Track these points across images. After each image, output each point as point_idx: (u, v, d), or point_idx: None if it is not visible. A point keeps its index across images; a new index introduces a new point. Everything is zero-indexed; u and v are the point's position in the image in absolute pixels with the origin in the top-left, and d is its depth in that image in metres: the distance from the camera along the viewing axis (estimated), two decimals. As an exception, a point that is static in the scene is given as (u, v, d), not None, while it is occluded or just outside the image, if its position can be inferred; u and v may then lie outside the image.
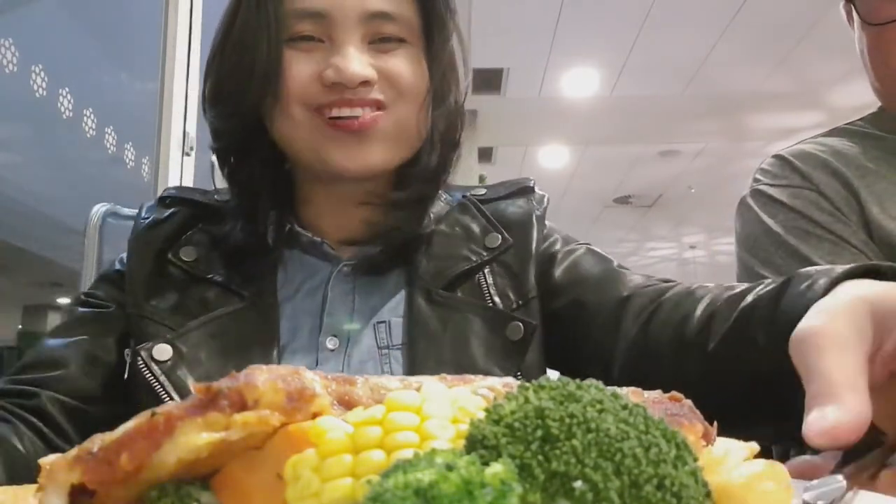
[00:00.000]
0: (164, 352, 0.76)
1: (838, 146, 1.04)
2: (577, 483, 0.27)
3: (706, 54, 4.93)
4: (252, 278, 0.82)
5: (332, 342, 0.80)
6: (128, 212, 1.47)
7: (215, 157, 0.87)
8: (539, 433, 0.28)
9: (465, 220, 0.88)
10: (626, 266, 0.85)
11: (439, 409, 0.32)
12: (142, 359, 0.76)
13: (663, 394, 0.38)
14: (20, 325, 9.24)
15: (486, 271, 0.84)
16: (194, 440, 0.32)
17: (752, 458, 0.35)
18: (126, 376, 0.79)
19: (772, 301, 0.60)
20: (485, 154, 6.48)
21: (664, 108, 5.72)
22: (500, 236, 0.86)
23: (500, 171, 6.59)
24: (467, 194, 0.92)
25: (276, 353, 0.78)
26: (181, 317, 0.80)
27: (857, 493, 0.37)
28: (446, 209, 0.90)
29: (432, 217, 0.87)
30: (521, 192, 0.92)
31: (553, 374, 0.56)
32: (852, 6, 1.00)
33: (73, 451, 0.33)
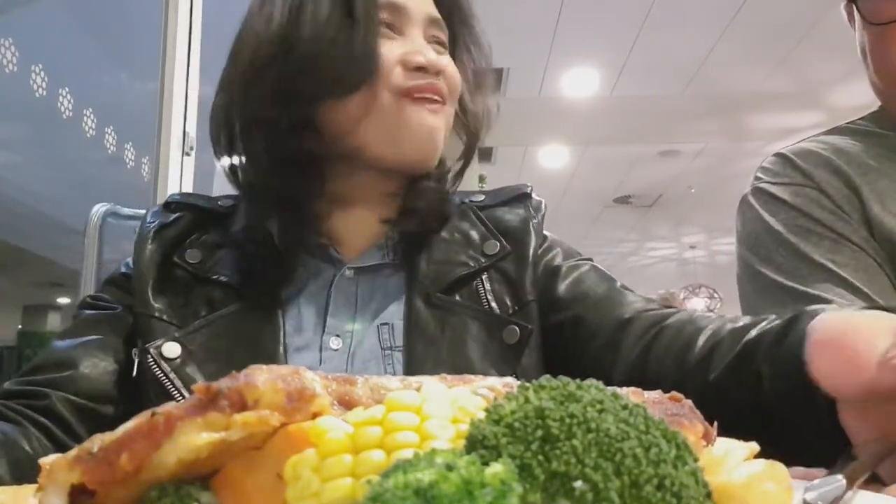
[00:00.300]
0: (173, 349, 0.78)
1: (840, 144, 1.04)
2: (578, 483, 0.27)
3: (706, 54, 4.92)
4: (256, 279, 0.84)
5: (335, 342, 0.82)
6: (128, 212, 1.47)
7: (225, 161, 0.89)
8: (539, 433, 0.28)
9: (464, 226, 0.90)
10: (628, 287, 0.87)
11: (439, 409, 0.32)
12: (151, 356, 0.77)
13: (663, 394, 0.39)
14: (20, 325, 9.24)
15: (484, 277, 0.85)
16: (194, 440, 0.32)
17: (752, 458, 0.35)
18: (134, 374, 0.80)
19: (778, 335, 0.61)
20: (485, 154, 6.47)
21: (664, 108, 5.72)
22: (498, 244, 0.88)
23: (500, 170, 6.58)
24: (466, 200, 0.94)
25: (282, 350, 0.80)
26: (188, 316, 0.81)
27: (857, 493, 0.37)
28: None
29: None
30: (518, 198, 0.94)
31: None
32: (854, 6, 0.99)
33: (73, 452, 0.33)
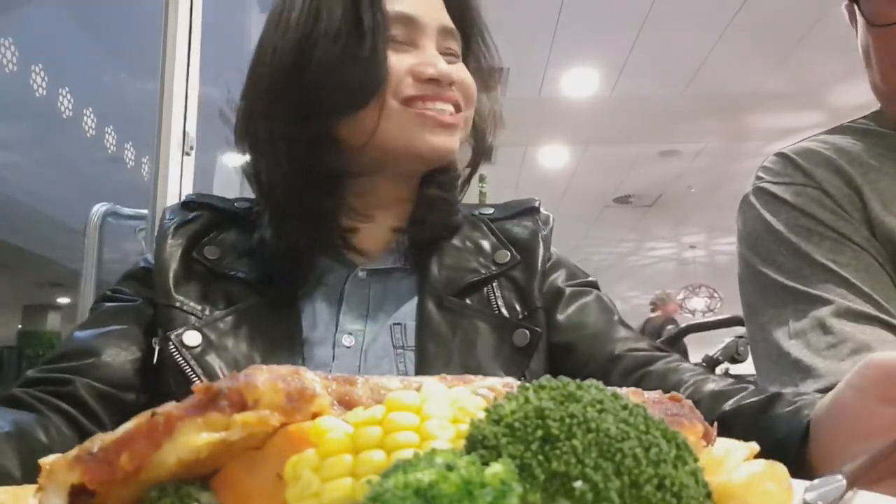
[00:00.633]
0: (194, 338, 0.80)
1: (841, 143, 1.03)
2: (578, 483, 0.26)
3: (706, 54, 4.92)
4: (271, 277, 0.86)
5: (348, 339, 0.84)
6: (128, 211, 1.47)
7: (246, 166, 0.90)
8: (539, 433, 0.28)
9: (475, 236, 0.94)
10: (625, 322, 0.91)
11: (439, 409, 0.32)
12: (173, 344, 0.79)
13: (663, 394, 0.39)
14: (20, 325, 9.25)
15: (495, 284, 0.89)
16: (194, 440, 0.32)
17: (752, 458, 0.35)
18: (155, 362, 0.82)
19: (754, 414, 0.66)
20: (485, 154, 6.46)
21: (664, 108, 5.72)
22: (508, 253, 0.91)
23: (500, 170, 6.58)
24: (477, 213, 0.98)
25: (300, 344, 0.82)
26: (208, 308, 0.84)
27: (857, 493, 0.37)
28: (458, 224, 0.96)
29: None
30: (527, 212, 0.98)
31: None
32: (855, 6, 0.99)
33: (73, 451, 0.33)
